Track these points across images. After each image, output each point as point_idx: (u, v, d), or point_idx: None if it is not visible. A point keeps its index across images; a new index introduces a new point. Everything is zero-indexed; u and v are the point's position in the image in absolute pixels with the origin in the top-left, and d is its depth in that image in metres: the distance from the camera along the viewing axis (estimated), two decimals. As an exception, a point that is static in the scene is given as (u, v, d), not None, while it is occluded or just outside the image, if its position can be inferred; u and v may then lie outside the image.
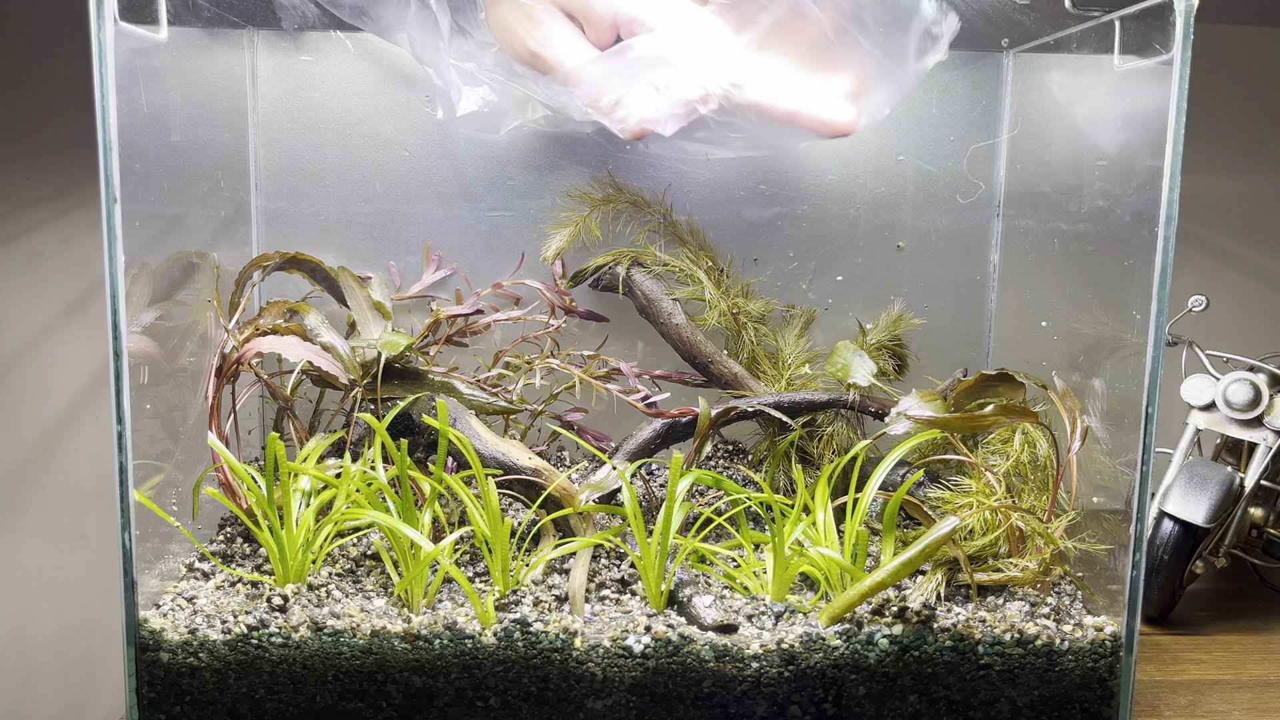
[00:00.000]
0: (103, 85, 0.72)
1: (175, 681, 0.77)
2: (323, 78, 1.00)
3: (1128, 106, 0.82)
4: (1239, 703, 0.86)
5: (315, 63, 1.00)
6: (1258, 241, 1.22)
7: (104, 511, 1.16)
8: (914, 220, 1.04)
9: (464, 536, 0.88)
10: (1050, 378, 0.89)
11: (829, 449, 0.97)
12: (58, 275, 1.13)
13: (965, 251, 1.05)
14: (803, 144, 1.00)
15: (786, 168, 1.02)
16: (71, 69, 1.10)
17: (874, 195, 1.03)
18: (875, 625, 0.79)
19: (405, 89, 1.00)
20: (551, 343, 1.02)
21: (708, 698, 0.77)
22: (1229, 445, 1.05)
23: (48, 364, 1.14)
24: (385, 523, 0.80)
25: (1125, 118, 0.83)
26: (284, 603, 0.80)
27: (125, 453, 0.75)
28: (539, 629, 0.77)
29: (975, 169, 1.03)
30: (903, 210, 1.04)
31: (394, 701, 0.77)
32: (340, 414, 0.99)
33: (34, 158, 1.11)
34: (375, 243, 1.02)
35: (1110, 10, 0.83)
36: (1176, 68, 0.74)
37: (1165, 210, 0.75)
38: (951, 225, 1.04)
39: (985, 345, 1.07)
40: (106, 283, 0.73)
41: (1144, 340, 0.77)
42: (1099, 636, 0.79)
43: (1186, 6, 0.73)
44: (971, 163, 1.03)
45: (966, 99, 1.02)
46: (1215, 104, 1.17)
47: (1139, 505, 0.77)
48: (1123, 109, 0.83)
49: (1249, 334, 1.20)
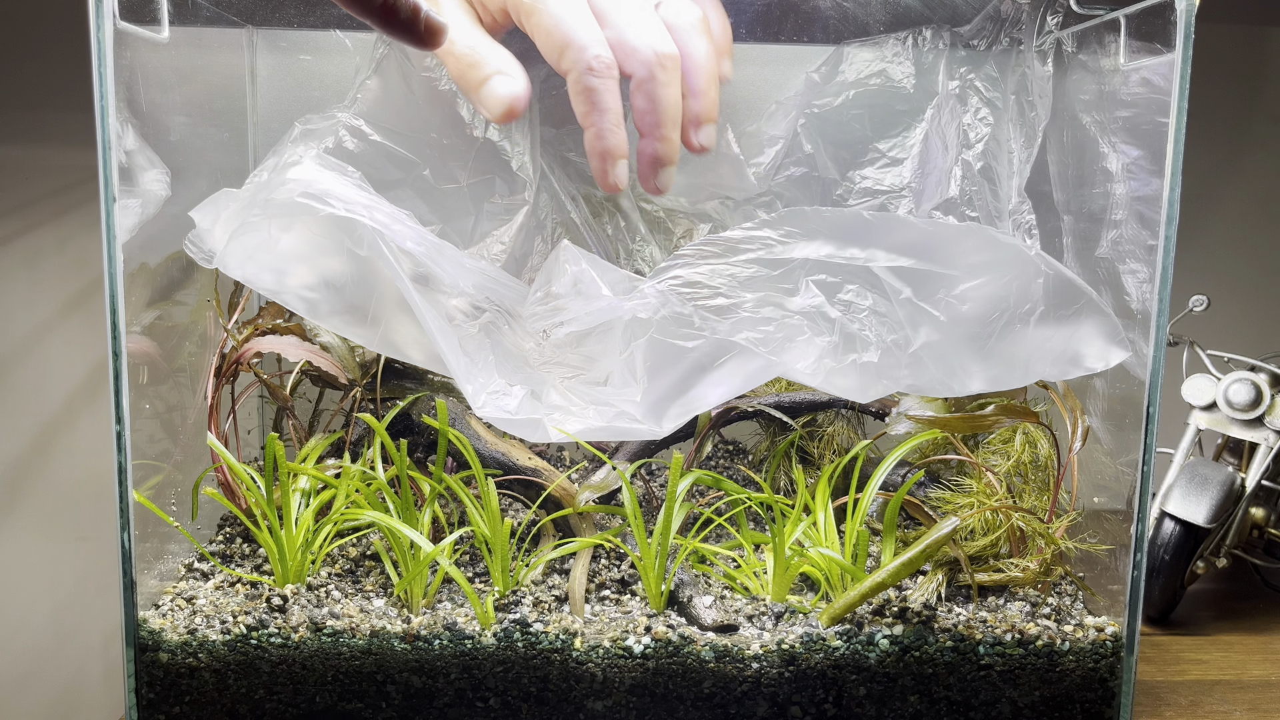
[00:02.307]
0: (102, 85, 0.72)
1: (174, 682, 0.77)
2: (322, 77, 1.00)
3: (1129, 106, 0.82)
4: (1240, 703, 0.86)
5: (315, 62, 1.00)
6: (1258, 241, 1.22)
7: (103, 511, 1.16)
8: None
9: (464, 536, 0.88)
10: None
11: (829, 449, 0.97)
12: (56, 274, 1.13)
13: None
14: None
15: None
16: (71, 69, 1.10)
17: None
18: (876, 625, 0.79)
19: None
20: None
21: (708, 698, 0.77)
22: (1230, 445, 1.05)
23: (46, 363, 1.14)
24: (385, 523, 0.80)
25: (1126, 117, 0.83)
26: (283, 603, 0.80)
27: (124, 453, 0.75)
28: (539, 629, 0.77)
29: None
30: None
31: (393, 702, 0.77)
32: (340, 414, 0.98)
33: (33, 157, 1.11)
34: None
35: (1113, 9, 0.83)
36: (1177, 67, 0.74)
37: (1166, 210, 0.75)
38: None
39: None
40: (105, 282, 0.73)
41: (1145, 340, 0.77)
42: (1100, 637, 0.79)
43: (1187, 6, 0.73)
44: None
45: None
46: (1215, 104, 1.17)
47: (1140, 505, 0.77)
48: (1124, 108, 0.83)
49: (1250, 334, 1.20)
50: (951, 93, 0.94)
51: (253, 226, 0.73)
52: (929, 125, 0.97)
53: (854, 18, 0.95)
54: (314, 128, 0.86)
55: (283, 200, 0.72)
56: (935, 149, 0.96)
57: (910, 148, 0.95)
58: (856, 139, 0.95)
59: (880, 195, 0.95)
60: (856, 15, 0.95)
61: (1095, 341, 0.75)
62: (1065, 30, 0.91)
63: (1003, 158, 0.93)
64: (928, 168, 0.97)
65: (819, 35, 0.99)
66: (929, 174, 0.97)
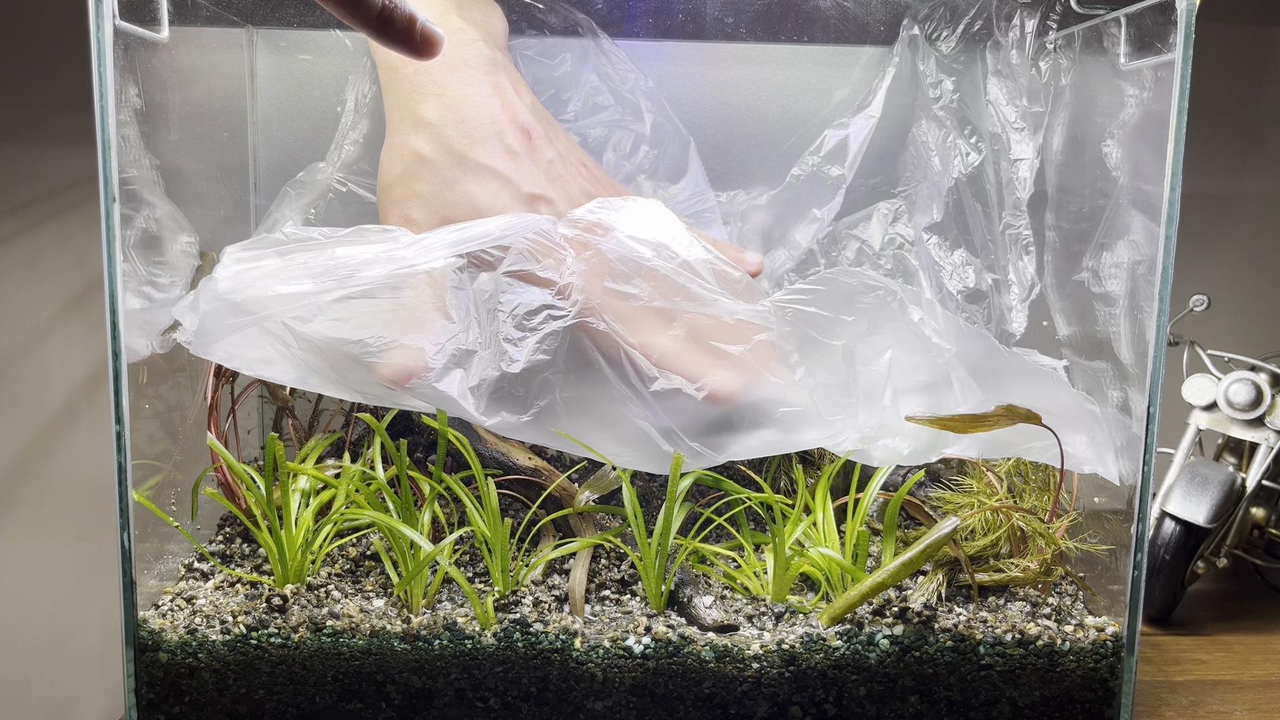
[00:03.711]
0: (102, 85, 0.72)
1: (174, 682, 0.77)
2: (322, 77, 1.00)
3: (1130, 105, 0.82)
4: (1241, 703, 0.86)
5: (315, 62, 1.00)
6: (1258, 241, 1.22)
7: (102, 511, 1.16)
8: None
9: (464, 537, 0.88)
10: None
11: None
12: (56, 274, 1.13)
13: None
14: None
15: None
16: (71, 69, 1.10)
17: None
18: (876, 626, 0.79)
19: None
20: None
21: (708, 698, 0.77)
22: (1230, 445, 1.05)
23: (46, 363, 1.14)
24: (385, 523, 0.79)
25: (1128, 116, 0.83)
26: (283, 603, 0.80)
27: (124, 453, 0.75)
28: (539, 629, 0.77)
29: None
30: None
31: (393, 702, 0.77)
32: (340, 414, 0.98)
33: (33, 157, 1.11)
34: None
35: (1114, 9, 0.83)
36: (1178, 67, 0.74)
37: (1166, 210, 0.75)
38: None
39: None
40: (105, 282, 0.73)
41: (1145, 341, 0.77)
42: (1100, 637, 0.79)
43: (1188, 6, 0.73)
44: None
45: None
46: (1215, 104, 1.17)
47: (1140, 505, 0.77)
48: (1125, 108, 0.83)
49: (1250, 334, 1.20)
50: (940, 103, 0.95)
51: (203, 326, 0.76)
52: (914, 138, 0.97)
53: (854, 17, 0.96)
54: (301, 189, 0.92)
55: (208, 315, 0.75)
56: (924, 160, 0.96)
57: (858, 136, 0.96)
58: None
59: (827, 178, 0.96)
60: (857, 15, 0.95)
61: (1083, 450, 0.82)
62: (1062, 32, 0.91)
63: (997, 174, 0.93)
64: (918, 175, 0.97)
65: (819, 35, 0.99)
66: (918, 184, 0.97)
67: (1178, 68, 0.73)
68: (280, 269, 0.75)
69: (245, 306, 0.74)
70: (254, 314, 0.74)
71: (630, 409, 0.76)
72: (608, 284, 0.76)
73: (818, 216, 0.96)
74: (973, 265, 0.95)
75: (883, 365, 0.78)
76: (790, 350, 0.77)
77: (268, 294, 0.73)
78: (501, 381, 0.75)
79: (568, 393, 0.76)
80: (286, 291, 0.73)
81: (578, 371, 0.76)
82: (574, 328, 0.76)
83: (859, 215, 1.00)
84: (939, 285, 0.94)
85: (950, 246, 0.95)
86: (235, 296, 0.73)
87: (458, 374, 0.75)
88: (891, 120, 0.97)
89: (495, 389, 0.75)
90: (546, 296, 0.76)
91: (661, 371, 0.76)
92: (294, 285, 0.74)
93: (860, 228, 1.00)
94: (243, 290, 0.74)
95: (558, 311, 0.76)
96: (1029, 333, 0.94)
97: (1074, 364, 0.91)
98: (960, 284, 0.94)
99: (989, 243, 0.94)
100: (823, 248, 0.98)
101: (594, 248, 0.76)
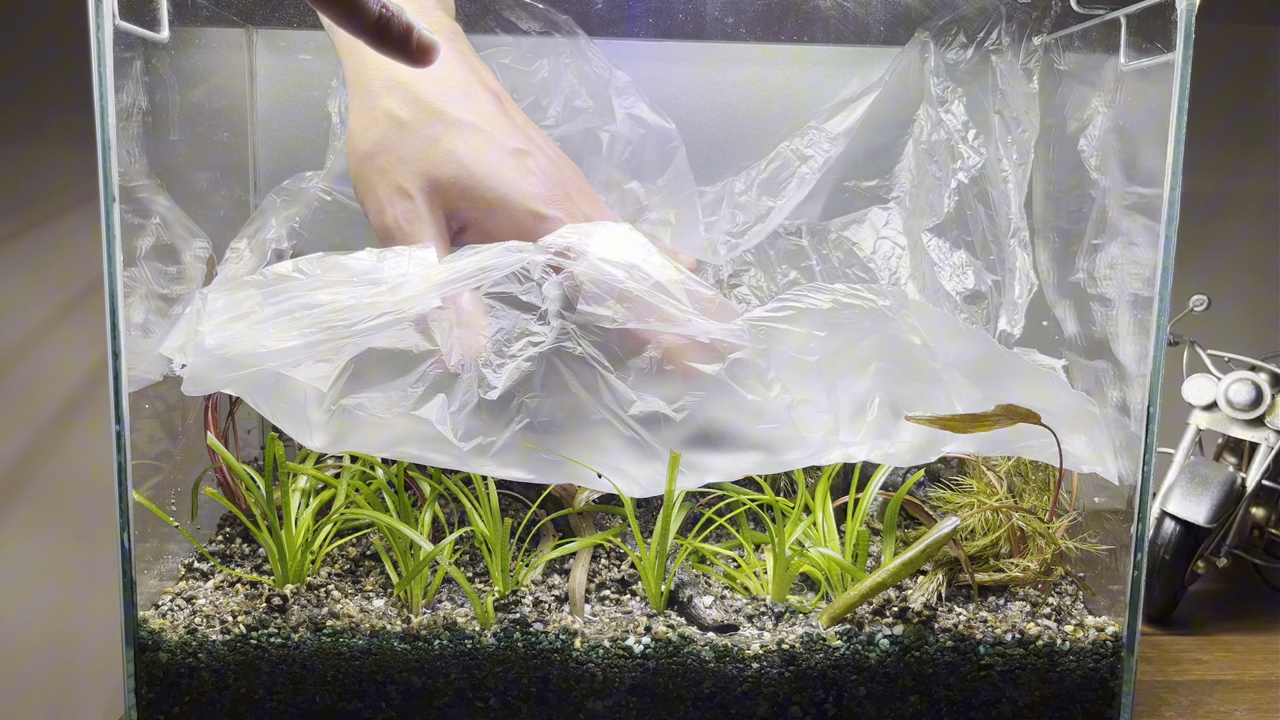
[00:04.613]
0: (101, 85, 0.72)
1: (174, 682, 0.77)
2: (323, 77, 1.00)
3: (1129, 106, 0.82)
4: (1241, 703, 0.86)
5: (315, 62, 1.00)
6: (1258, 241, 1.22)
7: (103, 511, 1.16)
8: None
9: (463, 536, 0.88)
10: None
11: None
12: (56, 274, 1.13)
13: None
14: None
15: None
16: (71, 69, 1.10)
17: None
18: (876, 625, 0.79)
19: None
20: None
21: (708, 698, 0.77)
22: (1230, 445, 1.05)
23: (46, 363, 1.14)
24: (385, 522, 0.79)
25: (1127, 117, 0.83)
26: (283, 603, 0.80)
27: (124, 453, 0.75)
28: (539, 629, 0.77)
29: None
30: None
31: (393, 702, 0.77)
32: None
33: (33, 157, 1.11)
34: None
35: (1114, 9, 0.83)
36: (1178, 67, 0.74)
37: (1166, 210, 0.75)
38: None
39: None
40: (105, 282, 0.73)
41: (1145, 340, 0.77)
42: (1100, 637, 0.79)
43: (1188, 6, 0.73)
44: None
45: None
46: (1215, 104, 1.17)
47: (1140, 505, 0.77)
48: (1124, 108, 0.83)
49: (1250, 334, 1.20)
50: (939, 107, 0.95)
51: (193, 375, 0.75)
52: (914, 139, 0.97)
53: (854, 17, 0.96)
54: (287, 197, 0.90)
55: (197, 368, 0.74)
56: (924, 163, 0.96)
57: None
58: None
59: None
60: (857, 15, 0.95)
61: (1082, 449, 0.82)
62: (1063, 33, 0.91)
63: (997, 175, 0.93)
64: (916, 178, 0.97)
65: (819, 35, 0.99)
66: (918, 186, 0.97)
67: (1178, 68, 0.73)
68: (266, 319, 0.74)
69: (235, 362, 0.73)
70: (245, 369, 0.73)
71: (611, 431, 0.76)
72: (582, 306, 0.75)
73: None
74: (973, 267, 0.95)
75: (868, 377, 0.77)
76: (766, 368, 0.77)
77: (257, 350, 0.73)
78: (479, 406, 0.75)
79: (545, 417, 0.76)
80: (276, 348, 0.73)
81: (556, 396, 0.76)
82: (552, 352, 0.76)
83: (850, 218, 1.00)
84: (936, 287, 0.94)
85: (951, 247, 0.95)
86: (223, 353, 0.73)
87: (439, 399, 0.75)
88: (891, 120, 0.97)
89: (473, 413, 0.75)
90: (528, 322, 0.76)
91: (640, 394, 0.76)
92: (283, 341, 0.73)
93: (852, 229, 1.00)
94: (230, 346, 0.73)
95: (537, 338, 0.76)
96: (1029, 333, 0.94)
97: (1074, 364, 0.91)
98: (960, 285, 0.94)
99: (989, 244, 0.94)
100: (813, 245, 0.98)
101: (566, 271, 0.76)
